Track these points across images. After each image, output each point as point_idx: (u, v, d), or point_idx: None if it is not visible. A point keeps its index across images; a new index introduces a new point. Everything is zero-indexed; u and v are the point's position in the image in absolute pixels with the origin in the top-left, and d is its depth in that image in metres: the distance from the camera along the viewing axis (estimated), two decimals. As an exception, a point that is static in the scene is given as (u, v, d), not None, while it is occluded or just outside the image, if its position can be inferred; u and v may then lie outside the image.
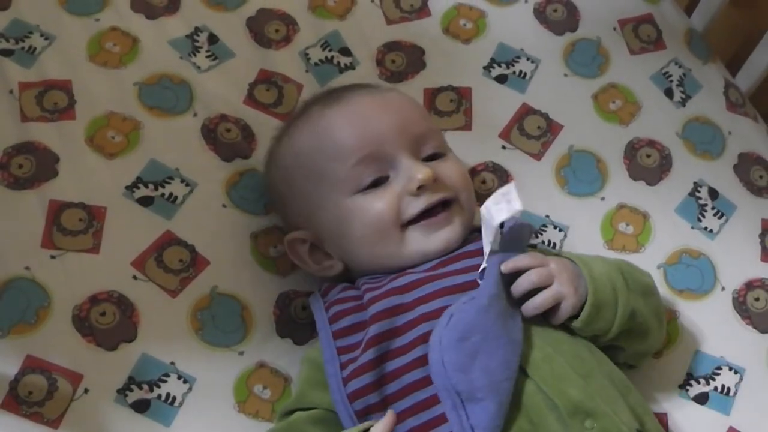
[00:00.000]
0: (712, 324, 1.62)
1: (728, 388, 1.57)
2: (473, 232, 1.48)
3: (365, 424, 1.28)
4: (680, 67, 1.85)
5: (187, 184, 1.61)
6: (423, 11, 1.86)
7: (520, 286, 1.34)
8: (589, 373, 1.32)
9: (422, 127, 1.51)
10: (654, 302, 1.46)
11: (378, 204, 1.43)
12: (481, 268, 1.34)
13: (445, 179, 1.46)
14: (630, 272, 1.44)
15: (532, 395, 1.28)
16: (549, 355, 1.31)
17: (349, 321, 1.40)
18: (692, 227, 1.69)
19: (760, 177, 1.76)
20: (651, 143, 1.76)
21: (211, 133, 1.66)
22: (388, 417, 1.27)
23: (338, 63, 1.78)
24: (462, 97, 1.77)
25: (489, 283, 1.32)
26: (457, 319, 1.29)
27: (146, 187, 1.59)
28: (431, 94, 1.77)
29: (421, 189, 1.42)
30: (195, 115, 1.68)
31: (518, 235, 1.38)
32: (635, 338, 1.42)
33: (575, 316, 1.35)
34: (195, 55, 1.74)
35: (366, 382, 1.33)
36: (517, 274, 1.34)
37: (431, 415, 1.28)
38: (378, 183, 1.45)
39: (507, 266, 1.34)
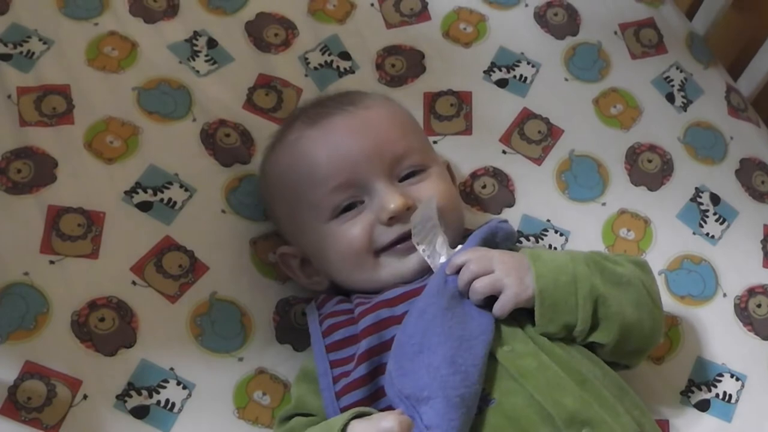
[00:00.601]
0: (713, 330, 1.61)
1: (730, 395, 1.56)
2: (465, 236, 1.47)
3: (360, 409, 1.27)
4: (681, 71, 1.85)
5: (186, 190, 1.60)
6: (423, 15, 1.85)
7: (462, 278, 1.34)
8: (584, 380, 1.31)
9: (399, 147, 1.49)
10: (634, 293, 1.41)
11: (351, 232, 1.44)
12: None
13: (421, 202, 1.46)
14: (600, 262, 1.41)
15: (525, 407, 1.27)
16: (543, 364, 1.30)
17: (341, 334, 1.40)
18: (694, 233, 1.69)
19: (762, 182, 1.75)
20: (652, 148, 1.75)
21: (210, 138, 1.66)
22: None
23: (338, 67, 1.78)
24: (462, 101, 1.76)
25: (432, 284, 1.34)
26: (402, 327, 1.31)
27: (145, 192, 1.59)
28: (431, 98, 1.76)
29: (392, 219, 1.43)
30: (194, 119, 1.67)
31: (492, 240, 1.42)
32: (617, 332, 1.37)
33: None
34: (194, 60, 1.74)
35: (358, 397, 1.33)
36: None
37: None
38: (352, 206, 1.45)
39: (450, 266, 1.36)
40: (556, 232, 1.66)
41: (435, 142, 1.69)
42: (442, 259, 1.39)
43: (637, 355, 1.45)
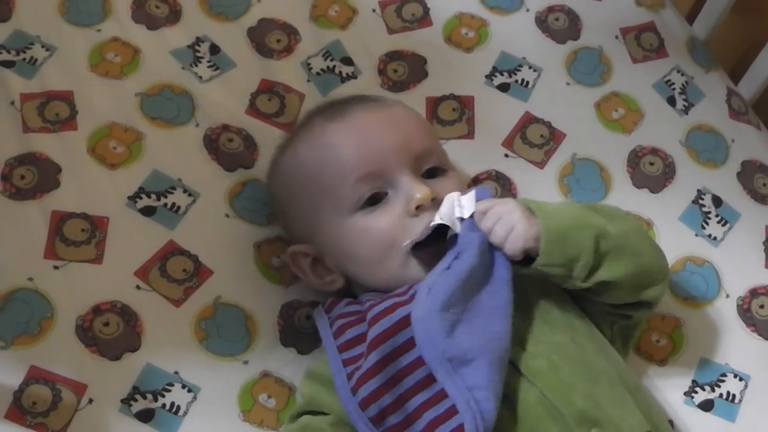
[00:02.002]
0: (716, 331, 1.62)
1: (733, 395, 1.56)
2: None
3: None
4: (682, 75, 1.85)
5: (190, 194, 1.60)
6: (424, 20, 1.86)
7: (487, 225, 1.35)
8: (596, 377, 1.31)
9: (424, 144, 1.50)
10: (632, 223, 1.43)
11: (379, 225, 1.43)
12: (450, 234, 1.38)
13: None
14: (594, 205, 1.44)
15: (535, 405, 1.28)
16: (554, 364, 1.31)
17: (352, 333, 1.39)
18: (696, 235, 1.69)
19: (764, 185, 1.76)
20: (654, 151, 1.76)
21: (213, 143, 1.66)
22: None
23: (340, 72, 1.78)
24: (464, 105, 1.77)
25: (470, 255, 1.32)
26: (437, 290, 1.29)
27: (149, 197, 1.59)
28: (433, 103, 1.77)
29: (419, 209, 1.42)
30: (197, 125, 1.68)
31: None
32: (624, 264, 1.36)
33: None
34: (196, 66, 1.74)
35: (374, 387, 1.31)
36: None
37: (447, 405, 1.26)
38: (376, 199, 1.44)
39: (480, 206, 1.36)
40: (559, 234, 1.66)
41: (438, 146, 1.69)
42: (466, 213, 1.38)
43: (649, 287, 1.41)
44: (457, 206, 1.37)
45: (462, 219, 1.36)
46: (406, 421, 1.28)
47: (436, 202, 1.41)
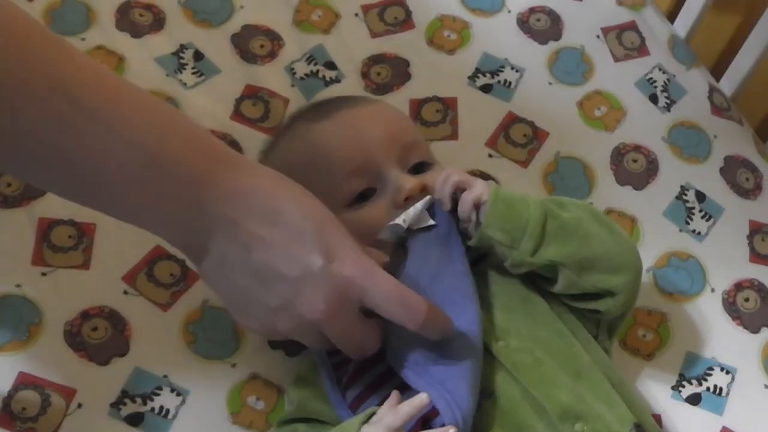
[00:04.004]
0: (702, 325, 1.63)
1: (720, 388, 1.57)
2: None
3: (369, 410, 1.24)
4: (664, 72, 1.87)
5: (176, 199, 1.61)
6: (407, 23, 1.87)
7: (446, 187, 1.37)
8: (580, 372, 1.31)
9: (410, 138, 1.51)
10: (586, 210, 1.43)
11: (369, 217, 1.42)
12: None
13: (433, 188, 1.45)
14: (548, 197, 1.45)
15: (519, 401, 1.28)
16: (538, 359, 1.31)
17: None
18: (680, 230, 1.70)
19: (747, 179, 1.77)
20: (637, 148, 1.77)
21: (199, 148, 1.66)
22: (393, 397, 1.23)
23: (324, 76, 1.79)
24: (448, 107, 1.78)
25: (425, 239, 1.37)
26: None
27: (135, 202, 1.59)
28: (417, 105, 1.78)
29: (408, 200, 1.41)
30: (182, 131, 1.68)
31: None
32: (573, 244, 1.36)
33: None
34: (181, 72, 1.75)
35: (359, 390, 1.32)
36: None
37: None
38: (365, 196, 1.44)
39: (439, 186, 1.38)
40: (543, 232, 1.67)
41: (422, 148, 1.69)
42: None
43: (603, 279, 1.40)
44: (413, 209, 1.38)
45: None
46: None
47: (425, 193, 1.41)
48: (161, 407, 1.46)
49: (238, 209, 1.21)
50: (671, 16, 2.00)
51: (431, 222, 1.37)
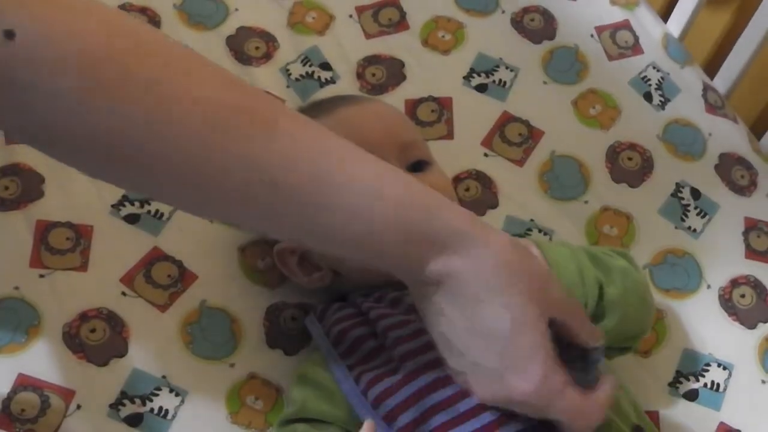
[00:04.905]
0: (699, 322, 1.63)
1: (718, 384, 1.58)
2: None
3: None
4: (658, 71, 1.87)
5: (173, 201, 1.61)
6: (401, 24, 1.87)
7: None
8: None
9: (408, 134, 1.51)
10: (628, 280, 1.42)
11: None
12: None
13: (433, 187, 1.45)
14: (592, 252, 1.43)
15: None
16: None
17: (352, 337, 1.38)
18: (676, 227, 1.71)
19: (742, 176, 1.77)
20: (632, 146, 1.77)
21: (195, 150, 1.67)
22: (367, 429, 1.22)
23: (319, 78, 1.80)
24: (443, 107, 1.78)
25: None
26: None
27: (132, 204, 1.60)
28: (412, 105, 1.78)
29: None
30: (179, 133, 1.68)
31: None
32: (618, 316, 1.37)
33: None
34: (177, 75, 1.75)
35: (400, 399, 1.28)
36: None
37: (470, 428, 1.24)
38: None
39: None
40: (540, 231, 1.67)
41: (417, 147, 1.70)
42: None
43: (632, 340, 1.46)
44: None
45: None
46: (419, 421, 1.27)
47: None
48: (160, 408, 1.47)
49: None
50: (665, 14, 2.00)
51: None
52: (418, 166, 1.49)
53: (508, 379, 1.15)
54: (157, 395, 1.47)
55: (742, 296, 1.65)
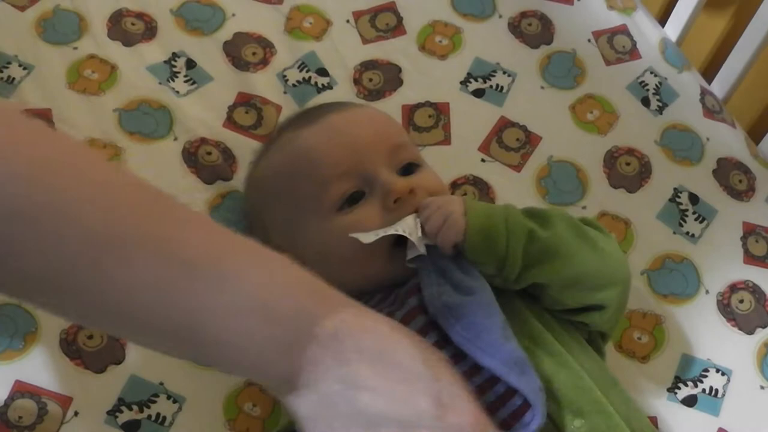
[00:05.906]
0: (697, 327, 1.63)
1: (716, 390, 1.57)
2: None
3: None
4: (656, 76, 1.87)
5: (170, 207, 1.61)
6: (398, 29, 1.87)
7: (427, 210, 1.37)
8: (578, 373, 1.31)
9: (397, 139, 1.50)
10: (567, 222, 1.40)
11: (360, 222, 1.41)
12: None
13: (423, 188, 1.44)
14: (530, 208, 1.43)
15: None
16: (538, 357, 1.31)
17: None
18: (674, 232, 1.70)
19: (740, 181, 1.77)
20: (630, 151, 1.77)
21: (192, 156, 1.67)
22: None
23: (316, 83, 1.79)
24: (440, 112, 1.78)
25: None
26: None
27: (130, 211, 1.59)
28: (410, 111, 1.78)
29: (397, 202, 1.41)
30: (175, 138, 1.68)
31: None
32: (557, 264, 1.35)
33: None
34: (173, 80, 1.75)
35: None
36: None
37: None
38: (355, 199, 1.43)
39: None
40: (538, 235, 1.67)
41: (415, 153, 1.70)
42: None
43: (590, 295, 1.41)
44: (416, 227, 1.37)
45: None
46: None
47: (414, 194, 1.41)
48: (158, 414, 1.46)
49: (347, 349, 1.08)
50: (662, 19, 2.00)
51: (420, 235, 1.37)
52: (408, 169, 1.48)
53: (445, 419, 1.08)
54: (155, 402, 1.47)
55: (741, 301, 1.64)
